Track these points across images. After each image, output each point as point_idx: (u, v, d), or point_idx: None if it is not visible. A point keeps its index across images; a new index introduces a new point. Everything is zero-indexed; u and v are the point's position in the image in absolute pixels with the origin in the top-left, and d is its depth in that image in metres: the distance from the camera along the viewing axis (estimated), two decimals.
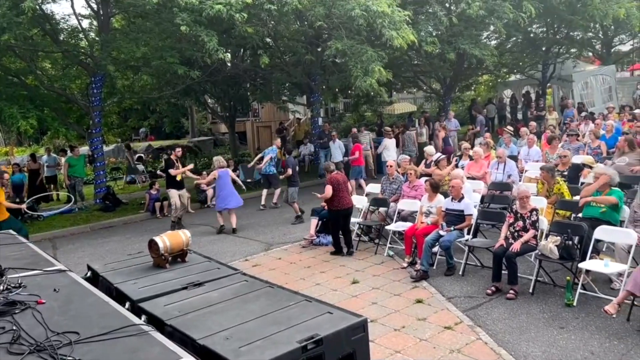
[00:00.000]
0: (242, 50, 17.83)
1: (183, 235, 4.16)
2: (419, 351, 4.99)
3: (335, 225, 8.55)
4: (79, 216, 13.39)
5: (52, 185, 16.62)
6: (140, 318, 2.98)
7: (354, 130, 15.72)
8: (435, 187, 7.85)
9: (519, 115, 23.01)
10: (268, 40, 15.64)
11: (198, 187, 14.59)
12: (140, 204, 14.31)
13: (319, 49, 16.19)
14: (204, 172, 15.43)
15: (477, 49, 15.23)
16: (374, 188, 10.05)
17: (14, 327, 2.69)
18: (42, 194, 12.41)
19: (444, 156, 10.51)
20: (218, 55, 11.38)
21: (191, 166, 11.92)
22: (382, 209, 9.01)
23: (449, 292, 6.51)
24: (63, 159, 15.83)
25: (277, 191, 12.98)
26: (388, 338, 5.31)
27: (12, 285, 3.29)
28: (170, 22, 12.11)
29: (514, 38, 20.77)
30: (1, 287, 3.25)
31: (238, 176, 15.66)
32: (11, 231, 5.63)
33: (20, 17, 11.54)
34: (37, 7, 12.06)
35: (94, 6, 14.42)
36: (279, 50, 16.85)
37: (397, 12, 11.93)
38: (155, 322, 3.00)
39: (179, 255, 4.13)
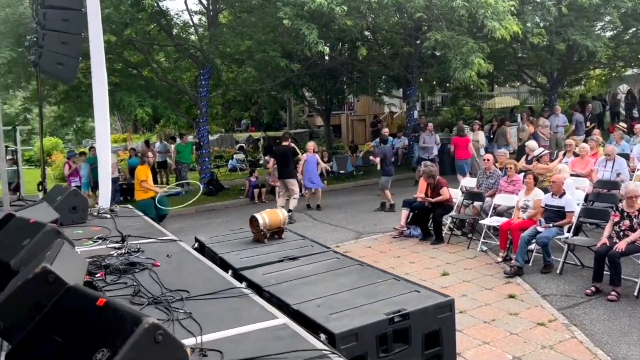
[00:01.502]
0: (340, 43, 18.08)
1: (281, 214, 4.47)
2: (508, 344, 4.92)
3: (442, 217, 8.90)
4: (185, 199, 14.37)
5: (162, 170, 17.99)
6: (241, 284, 3.28)
7: (461, 123, 15.26)
8: (536, 180, 7.68)
9: (635, 113, 21.20)
10: (366, 33, 15.75)
11: None
12: (240, 190, 15.08)
13: (418, 41, 16.02)
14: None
15: (589, 40, 14.26)
16: (470, 182, 9.89)
17: (135, 283, 3.11)
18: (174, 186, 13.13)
19: (546, 151, 10.09)
20: (317, 48, 11.69)
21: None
22: (477, 203, 8.85)
23: (544, 289, 6.30)
24: (172, 146, 17.06)
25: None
26: (477, 329, 5.27)
27: (133, 249, 3.81)
28: (273, 16, 12.62)
29: (633, 29, 19.11)
30: (124, 250, 3.81)
31: (331, 167, 16.07)
32: (130, 205, 6.29)
33: (141, 13, 12.63)
34: (155, 3, 13.08)
35: (205, 2, 15.35)
36: (376, 42, 16.88)
37: (501, 2, 11.55)
38: (255, 288, 3.28)
39: (276, 232, 4.44)
